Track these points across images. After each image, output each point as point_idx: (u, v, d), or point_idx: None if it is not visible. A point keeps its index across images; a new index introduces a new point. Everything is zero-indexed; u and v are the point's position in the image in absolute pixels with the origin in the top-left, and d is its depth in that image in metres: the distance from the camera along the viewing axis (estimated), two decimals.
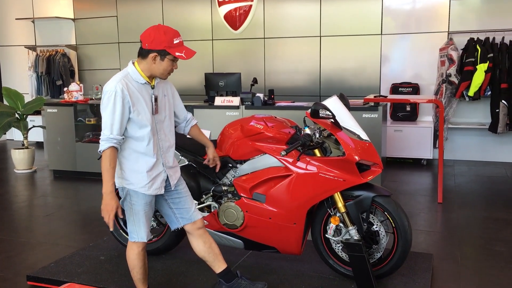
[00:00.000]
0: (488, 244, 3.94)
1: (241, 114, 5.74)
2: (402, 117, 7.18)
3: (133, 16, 8.54)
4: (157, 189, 2.69)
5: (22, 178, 6.57)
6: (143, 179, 2.63)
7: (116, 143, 2.52)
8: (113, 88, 2.50)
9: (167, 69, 2.60)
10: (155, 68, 2.59)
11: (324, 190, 3.04)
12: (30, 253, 3.93)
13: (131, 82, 2.57)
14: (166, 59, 2.56)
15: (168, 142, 2.75)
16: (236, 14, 7.86)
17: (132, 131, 2.59)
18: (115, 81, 2.53)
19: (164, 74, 2.62)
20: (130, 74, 2.60)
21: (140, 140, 2.61)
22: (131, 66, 2.62)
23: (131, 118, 2.55)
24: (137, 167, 2.63)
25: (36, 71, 9.07)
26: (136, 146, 2.62)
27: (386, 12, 7.17)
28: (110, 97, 2.50)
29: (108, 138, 2.50)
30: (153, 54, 2.55)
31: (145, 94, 2.61)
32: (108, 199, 2.50)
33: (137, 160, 2.63)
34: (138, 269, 2.77)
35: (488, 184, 5.88)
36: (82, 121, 6.52)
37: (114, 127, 2.50)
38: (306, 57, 7.63)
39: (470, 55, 6.46)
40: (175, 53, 2.55)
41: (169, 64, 2.59)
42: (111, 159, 2.50)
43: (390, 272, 3.13)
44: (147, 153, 2.63)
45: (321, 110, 2.95)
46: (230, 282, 2.91)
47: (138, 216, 2.68)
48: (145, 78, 2.61)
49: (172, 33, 2.57)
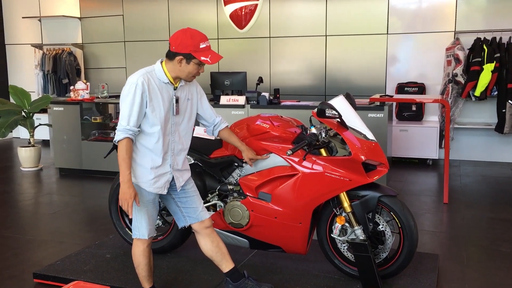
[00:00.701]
0: (493, 245, 3.93)
1: (247, 113, 5.74)
2: (407, 117, 7.17)
3: (139, 15, 8.56)
4: (159, 188, 2.71)
5: (28, 176, 6.60)
6: (147, 174, 2.66)
7: (132, 135, 2.57)
8: (135, 81, 2.55)
9: (192, 72, 2.64)
10: (181, 70, 2.62)
11: (330, 189, 3.04)
12: (36, 250, 3.95)
13: (154, 79, 2.62)
14: (191, 62, 2.60)
15: (181, 145, 2.77)
16: (242, 13, 7.86)
17: (144, 126, 2.63)
18: (138, 74, 2.59)
19: (189, 77, 2.66)
20: (155, 71, 2.65)
21: (150, 136, 2.64)
22: (158, 64, 2.67)
23: (146, 113, 2.59)
24: (143, 162, 2.66)
25: (42, 69, 9.11)
26: (145, 142, 2.65)
27: (392, 11, 7.15)
28: (130, 88, 2.55)
29: (125, 128, 2.55)
30: (179, 57, 2.59)
31: (164, 93, 2.65)
32: (126, 188, 2.54)
33: (144, 155, 2.66)
34: (143, 266, 2.79)
35: (494, 184, 5.86)
36: (88, 119, 6.55)
37: (131, 118, 2.55)
38: (312, 56, 7.62)
39: (476, 55, 6.43)
40: (201, 58, 2.57)
41: (194, 67, 2.62)
42: (127, 149, 2.55)
43: (396, 273, 3.13)
44: (154, 151, 2.65)
45: (328, 109, 2.95)
46: (237, 282, 2.91)
47: (140, 213, 2.71)
48: (169, 78, 2.65)
49: (199, 37, 2.60)
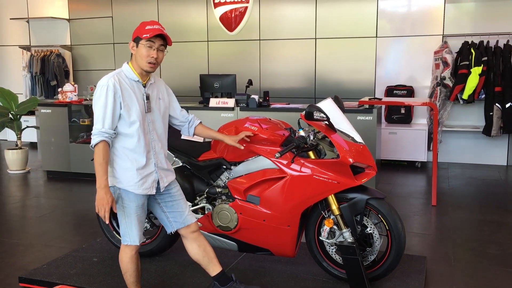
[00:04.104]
0: (481, 247, 3.95)
1: (236, 115, 5.73)
2: (396, 120, 7.20)
3: (129, 17, 8.52)
4: (147, 189, 2.69)
5: (15, 179, 6.53)
6: (133, 177, 2.63)
7: (108, 137, 2.55)
8: (106, 83, 2.56)
9: (145, 54, 2.60)
10: (137, 58, 2.63)
11: (318, 192, 3.04)
12: (22, 254, 3.90)
13: (124, 79, 2.64)
14: (140, 44, 2.61)
15: (160, 143, 2.76)
16: (232, 16, 7.86)
17: (122, 128, 2.61)
18: (108, 77, 2.60)
19: (145, 63, 2.61)
20: (124, 71, 2.68)
21: (130, 137, 2.62)
22: (125, 64, 2.70)
23: (121, 114, 2.58)
24: (127, 165, 2.64)
25: (30, 71, 9.03)
26: (126, 143, 2.63)
27: (381, 14, 7.19)
28: (102, 91, 2.55)
29: (100, 132, 2.53)
30: (131, 44, 2.66)
31: (137, 92, 2.66)
32: (103, 193, 2.50)
33: (127, 157, 2.64)
34: (131, 272, 2.76)
35: (481, 186, 5.90)
36: (76, 121, 6.50)
37: (105, 121, 2.53)
38: (301, 59, 7.64)
39: (464, 58, 6.49)
40: (142, 35, 2.59)
41: (145, 50, 2.60)
42: (104, 153, 2.52)
43: (384, 275, 3.13)
44: (136, 151, 2.64)
45: (316, 112, 2.95)
46: (225, 285, 2.90)
47: (130, 218, 2.68)
48: (137, 76, 2.66)
49: (147, 23, 2.64)
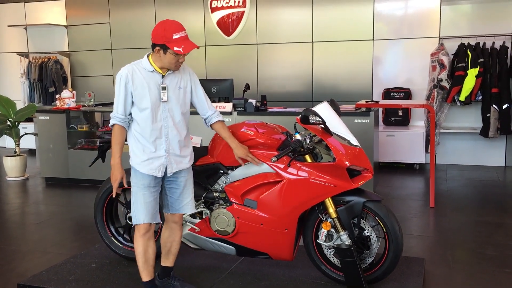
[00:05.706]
0: (479, 248, 3.96)
1: (234, 120, 5.75)
2: (394, 122, 7.22)
3: (126, 23, 8.54)
4: (153, 170, 2.84)
5: (14, 186, 6.53)
6: (140, 156, 2.84)
7: (120, 121, 2.81)
8: (120, 72, 2.79)
9: (172, 61, 2.76)
10: (162, 60, 2.78)
11: (315, 195, 3.05)
12: (21, 261, 3.91)
13: (140, 69, 2.81)
14: (167, 53, 2.73)
15: (175, 131, 2.88)
16: (229, 20, 7.89)
17: (134, 113, 2.83)
18: (125, 67, 2.81)
19: (171, 66, 2.80)
20: (142, 62, 2.84)
21: (140, 122, 2.82)
22: (145, 56, 2.85)
23: (134, 102, 2.80)
24: (137, 146, 2.86)
25: (28, 78, 9.03)
26: (137, 127, 2.84)
27: (377, 17, 7.22)
28: (117, 80, 2.80)
29: (114, 116, 2.82)
30: (157, 48, 2.76)
31: (151, 81, 2.80)
32: (114, 170, 2.81)
33: (137, 139, 2.85)
34: (138, 255, 2.92)
35: (479, 188, 5.91)
36: (75, 128, 6.50)
37: (119, 106, 2.80)
38: (299, 62, 7.66)
39: (461, 60, 6.51)
40: (173, 48, 2.69)
41: (172, 57, 2.75)
42: (117, 135, 2.82)
43: (382, 277, 3.14)
44: (144, 135, 2.82)
45: (311, 116, 2.96)
46: (162, 279, 3.14)
47: (136, 197, 2.86)
48: (154, 67, 2.81)
49: (173, 28, 2.72)
